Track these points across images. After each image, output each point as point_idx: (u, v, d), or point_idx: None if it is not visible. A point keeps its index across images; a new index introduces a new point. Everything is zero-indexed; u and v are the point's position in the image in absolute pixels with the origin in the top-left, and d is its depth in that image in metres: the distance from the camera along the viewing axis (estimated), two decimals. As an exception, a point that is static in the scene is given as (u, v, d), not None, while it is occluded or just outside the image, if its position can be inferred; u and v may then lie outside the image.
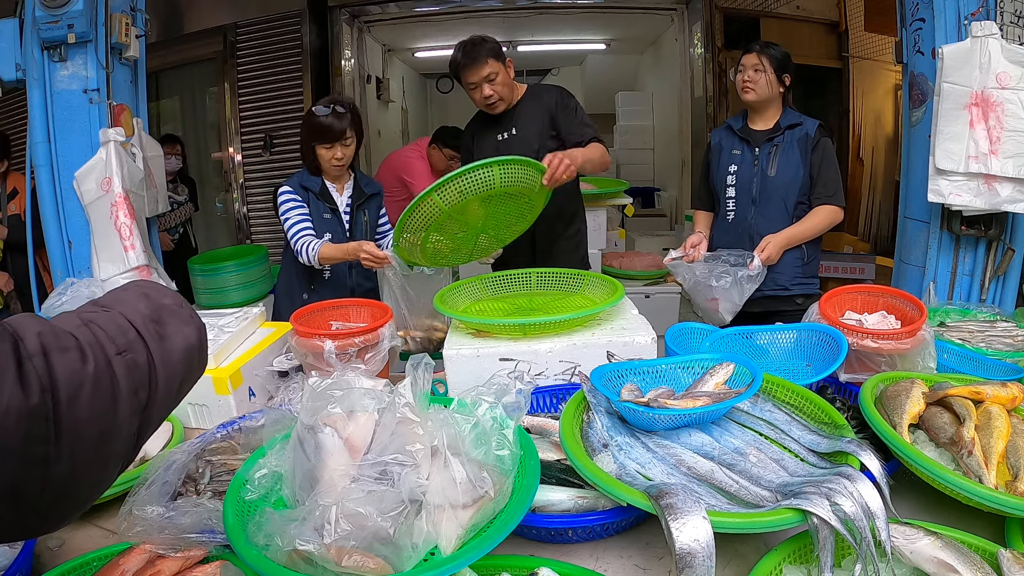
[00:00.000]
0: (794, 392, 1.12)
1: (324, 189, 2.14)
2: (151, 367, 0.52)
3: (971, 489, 0.85)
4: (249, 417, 1.24)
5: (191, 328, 0.60)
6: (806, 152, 2.03)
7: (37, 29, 2.20)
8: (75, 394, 0.43)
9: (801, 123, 2.05)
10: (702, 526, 0.75)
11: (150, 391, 0.51)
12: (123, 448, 0.49)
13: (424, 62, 7.13)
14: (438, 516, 0.79)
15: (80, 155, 2.29)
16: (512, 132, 2.23)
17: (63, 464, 0.43)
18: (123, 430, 0.47)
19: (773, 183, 2.05)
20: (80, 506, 0.48)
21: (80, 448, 0.44)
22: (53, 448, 0.42)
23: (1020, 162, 1.99)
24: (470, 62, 2.08)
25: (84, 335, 0.48)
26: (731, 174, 2.12)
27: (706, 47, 5.04)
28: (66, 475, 0.43)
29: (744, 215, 2.10)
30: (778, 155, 2.05)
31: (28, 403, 0.41)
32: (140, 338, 0.52)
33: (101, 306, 0.55)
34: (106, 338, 0.49)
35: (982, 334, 1.56)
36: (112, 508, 0.98)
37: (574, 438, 0.98)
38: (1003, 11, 2.08)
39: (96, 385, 0.45)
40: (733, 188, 2.11)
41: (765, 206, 2.07)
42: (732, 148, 2.13)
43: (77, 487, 0.45)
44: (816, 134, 2.03)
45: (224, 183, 5.09)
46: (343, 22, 5.07)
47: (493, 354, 1.35)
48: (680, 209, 5.68)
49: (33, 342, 0.43)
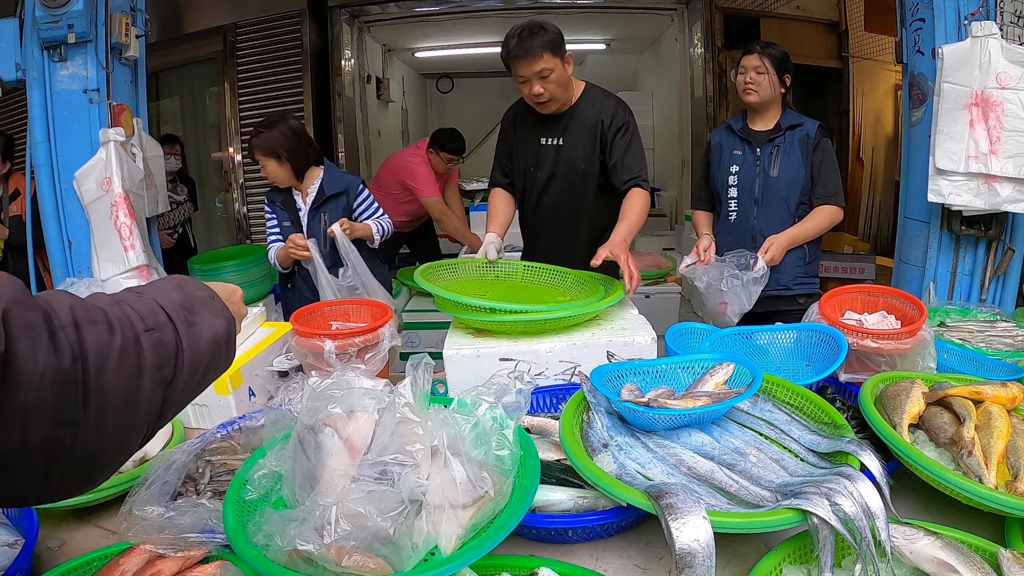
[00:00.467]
0: (794, 392, 1.12)
1: (288, 198, 2.31)
2: (178, 348, 0.55)
3: (971, 489, 0.85)
4: (249, 417, 1.24)
5: (221, 320, 0.63)
6: (807, 152, 2.03)
7: (37, 29, 2.20)
8: (103, 363, 0.46)
9: (802, 123, 2.05)
10: (702, 526, 0.75)
11: (175, 370, 0.54)
12: (145, 418, 0.51)
13: (424, 62, 7.12)
14: (438, 516, 0.79)
15: (80, 155, 2.29)
16: (559, 142, 2.00)
17: (91, 429, 0.46)
18: (146, 402, 0.50)
19: (775, 183, 2.05)
20: (103, 471, 0.50)
21: (106, 414, 0.47)
22: (82, 412, 0.45)
23: (1020, 162, 1.99)
24: (522, 53, 1.83)
25: (114, 311, 0.50)
26: (733, 175, 2.11)
27: (706, 47, 5.04)
28: (92, 439, 0.46)
29: (746, 216, 2.10)
30: (780, 155, 2.05)
31: (61, 368, 0.44)
32: (169, 321, 0.55)
33: (135, 292, 0.58)
34: (136, 316, 0.52)
35: (982, 334, 1.56)
36: (112, 508, 0.98)
37: (574, 438, 0.98)
38: (1003, 11, 2.09)
39: (123, 356, 0.48)
40: (735, 188, 2.11)
41: (768, 207, 2.07)
42: (733, 148, 2.13)
43: (102, 452, 0.48)
44: (816, 134, 2.03)
45: (224, 183, 5.09)
46: (343, 22, 5.07)
47: (493, 354, 1.35)
48: (680, 209, 5.67)
49: (66, 314, 0.46)
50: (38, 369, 0.42)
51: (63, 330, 0.45)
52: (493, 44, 6.31)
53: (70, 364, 0.44)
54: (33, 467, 0.44)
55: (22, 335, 0.42)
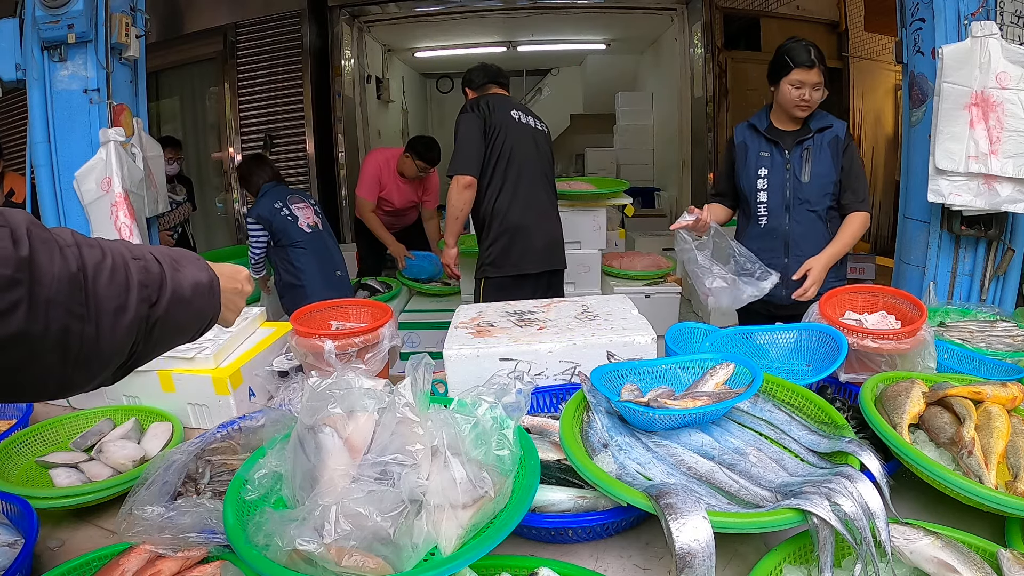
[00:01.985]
0: (794, 392, 1.12)
1: None
2: (162, 278, 0.66)
3: (971, 489, 0.85)
4: (249, 417, 1.24)
5: (205, 273, 0.73)
6: (837, 156, 1.95)
7: (37, 29, 2.20)
8: (98, 275, 0.58)
9: (831, 125, 1.97)
10: (702, 526, 0.75)
11: (159, 293, 0.65)
12: (134, 328, 0.61)
13: (424, 62, 7.13)
14: (438, 516, 0.79)
15: (80, 155, 2.29)
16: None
17: (92, 325, 0.57)
18: (133, 312, 0.61)
19: (807, 189, 1.97)
20: (101, 369, 0.60)
21: (103, 317, 0.58)
22: (86, 310, 0.56)
23: (1020, 162, 1.99)
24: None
25: (107, 243, 0.62)
26: (762, 178, 2.02)
27: (706, 47, 5.04)
28: (93, 336, 0.57)
29: (778, 222, 2.02)
30: (810, 159, 1.96)
31: (70, 272, 0.55)
32: (156, 260, 0.66)
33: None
34: (125, 250, 0.63)
35: (982, 334, 1.56)
36: (112, 508, 0.98)
37: (574, 438, 0.98)
38: (1003, 11, 2.09)
39: (114, 273, 0.59)
40: (764, 193, 2.02)
41: (800, 212, 1.99)
42: (760, 150, 2.03)
43: (101, 350, 0.58)
44: (845, 137, 1.96)
45: (224, 183, 5.10)
46: (343, 22, 5.07)
47: (493, 354, 1.35)
48: (680, 209, 5.67)
49: (69, 238, 0.58)
50: (55, 271, 0.53)
51: (68, 247, 0.56)
52: (493, 44, 6.33)
53: (76, 271, 0.56)
54: (53, 355, 0.54)
55: (40, 247, 0.53)
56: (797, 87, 1.91)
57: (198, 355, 1.38)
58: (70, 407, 1.50)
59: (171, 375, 1.38)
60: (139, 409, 1.36)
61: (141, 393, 1.40)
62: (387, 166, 3.64)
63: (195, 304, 0.71)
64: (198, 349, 1.39)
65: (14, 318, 0.50)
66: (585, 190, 3.21)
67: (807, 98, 1.91)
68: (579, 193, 3.17)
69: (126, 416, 1.34)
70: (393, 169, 3.64)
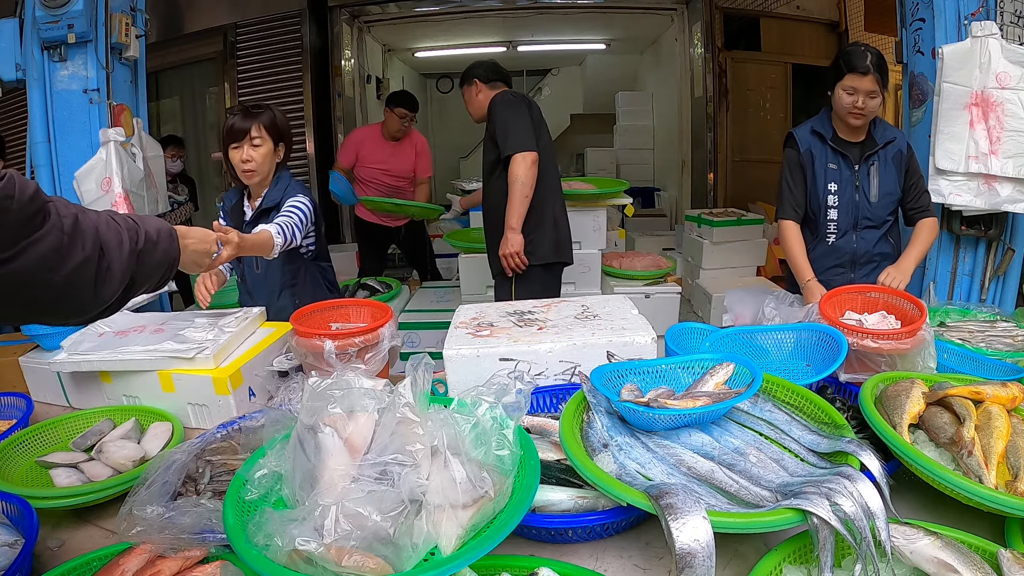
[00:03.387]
0: (794, 392, 1.12)
1: (238, 204, 2.07)
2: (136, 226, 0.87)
3: (971, 489, 0.85)
4: (249, 417, 1.24)
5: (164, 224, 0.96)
6: (901, 171, 1.92)
7: (37, 29, 2.20)
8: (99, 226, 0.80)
9: (895, 139, 1.91)
10: (702, 526, 0.75)
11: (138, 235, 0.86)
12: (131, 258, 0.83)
13: (424, 62, 7.13)
14: (438, 516, 0.79)
15: (80, 155, 2.29)
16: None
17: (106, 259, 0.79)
18: (128, 246, 0.83)
19: (875, 208, 1.93)
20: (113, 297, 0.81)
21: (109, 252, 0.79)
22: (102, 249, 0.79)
23: (1020, 162, 1.99)
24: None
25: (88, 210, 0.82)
26: (833, 194, 1.95)
27: (706, 47, 5.04)
28: (106, 267, 0.79)
29: (846, 241, 1.97)
30: (878, 177, 1.91)
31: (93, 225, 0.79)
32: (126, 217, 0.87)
33: None
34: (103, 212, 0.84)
35: (982, 334, 1.56)
36: (112, 508, 0.98)
37: (574, 438, 0.98)
38: (1003, 11, 2.09)
39: (108, 226, 0.81)
40: (835, 211, 1.96)
41: (866, 231, 1.96)
42: (828, 162, 1.95)
43: (111, 278, 0.80)
44: (907, 151, 1.93)
45: (224, 183, 5.09)
46: (343, 22, 5.07)
47: (493, 354, 1.35)
48: (680, 209, 5.67)
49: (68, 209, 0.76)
50: (90, 224, 0.78)
51: (82, 213, 0.78)
52: (493, 44, 6.33)
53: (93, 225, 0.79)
54: (86, 284, 0.76)
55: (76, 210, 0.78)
56: (850, 93, 1.84)
57: (198, 355, 1.38)
58: (70, 407, 1.50)
59: (171, 375, 1.38)
60: (139, 409, 1.36)
61: (141, 393, 1.41)
62: (371, 134, 3.64)
63: (161, 244, 0.92)
64: (198, 349, 1.39)
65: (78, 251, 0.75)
66: (585, 190, 3.21)
67: (860, 106, 1.83)
68: (579, 193, 3.17)
69: (126, 416, 1.34)
70: (379, 136, 3.63)
